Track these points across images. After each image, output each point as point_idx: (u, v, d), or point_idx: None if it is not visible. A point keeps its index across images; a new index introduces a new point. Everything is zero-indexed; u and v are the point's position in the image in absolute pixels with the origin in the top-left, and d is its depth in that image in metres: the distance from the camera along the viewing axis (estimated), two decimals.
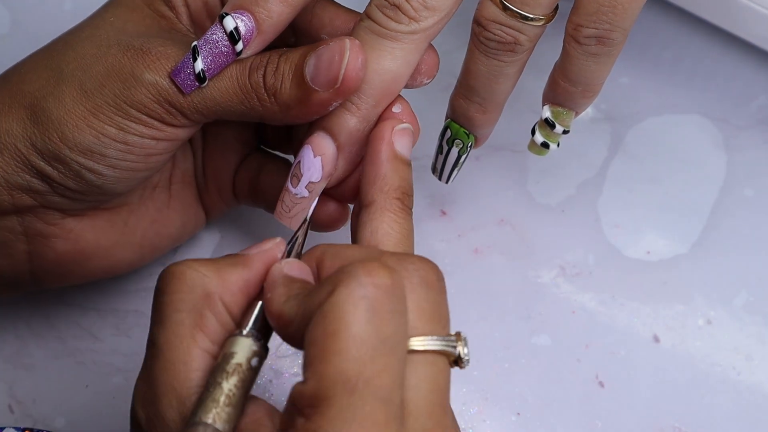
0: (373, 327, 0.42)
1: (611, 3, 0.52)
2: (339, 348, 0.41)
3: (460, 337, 0.45)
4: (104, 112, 0.52)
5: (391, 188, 0.51)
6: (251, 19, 0.52)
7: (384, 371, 0.42)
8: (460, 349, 0.45)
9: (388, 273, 0.43)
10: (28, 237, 0.55)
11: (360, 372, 0.41)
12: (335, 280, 0.43)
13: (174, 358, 0.46)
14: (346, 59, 0.51)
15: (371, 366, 0.41)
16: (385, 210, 0.51)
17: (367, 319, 0.42)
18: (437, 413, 0.43)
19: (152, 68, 0.52)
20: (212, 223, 0.65)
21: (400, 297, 0.43)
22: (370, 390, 0.41)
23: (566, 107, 0.56)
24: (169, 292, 0.47)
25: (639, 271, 0.65)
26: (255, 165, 0.61)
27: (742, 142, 0.67)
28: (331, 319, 0.42)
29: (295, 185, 0.54)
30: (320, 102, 0.52)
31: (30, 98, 0.53)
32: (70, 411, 0.61)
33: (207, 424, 0.44)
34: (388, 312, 0.42)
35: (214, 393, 0.44)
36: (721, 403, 0.62)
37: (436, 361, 0.44)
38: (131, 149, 0.53)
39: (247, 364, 0.45)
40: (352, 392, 0.41)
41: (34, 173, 0.53)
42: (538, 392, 0.62)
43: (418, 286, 0.45)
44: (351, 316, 0.42)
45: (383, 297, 0.42)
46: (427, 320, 0.44)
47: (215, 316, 0.47)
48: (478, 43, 0.54)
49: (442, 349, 0.44)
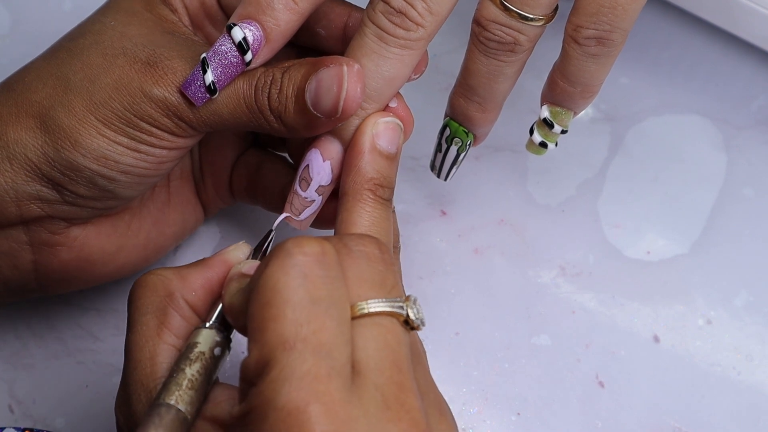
0: (305, 291, 0.43)
1: (611, 4, 0.52)
2: (274, 314, 0.43)
3: (408, 299, 0.46)
4: (114, 123, 0.52)
5: (363, 179, 0.52)
6: (259, 28, 0.52)
7: (321, 330, 0.43)
8: (408, 309, 0.45)
9: (317, 242, 0.44)
10: (33, 246, 0.55)
11: (296, 332, 0.42)
12: (268, 257, 0.44)
13: (141, 356, 0.48)
14: (345, 89, 0.51)
15: (307, 326, 0.43)
16: (355, 200, 0.52)
17: (298, 284, 0.43)
18: (389, 369, 0.44)
19: (161, 83, 0.52)
20: (212, 222, 0.65)
21: (331, 263, 0.44)
22: (309, 348, 0.42)
23: (565, 107, 0.56)
24: (135, 299, 0.50)
25: (639, 271, 0.65)
26: (252, 162, 0.61)
27: (742, 142, 0.67)
28: (265, 290, 0.43)
29: (304, 189, 0.54)
30: (323, 125, 0.52)
31: (38, 107, 0.53)
32: (70, 411, 0.61)
33: (170, 405, 0.45)
34: (319, 277, 0.44)
35: (177, 378, 0.46)
36: (721, 403, 0.62)
37: (383, 322, 0.45)
38: (144, 157, 0.53)
39: (210, 353, 0.47)
40: (291, 351, 0.42)
41: (44, 182, 0.53)
42: (538, 392, 0.62)
43: (359, 258, 0.46)
44: (282, 283, 0.43)
45: (312, 263, 0.44)
46: (369, 287, 0.45)
47: (178, 312, 0.49)
48: (477, 43, 0.54)
49: (387, 309, 0.45)
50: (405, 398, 0.43)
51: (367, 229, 0.51)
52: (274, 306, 0.43)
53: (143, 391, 0.47)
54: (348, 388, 0.42)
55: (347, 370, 0.43)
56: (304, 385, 0.42)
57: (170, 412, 0.45)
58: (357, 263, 0.46)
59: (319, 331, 0.43)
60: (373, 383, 0.43)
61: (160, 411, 0.45)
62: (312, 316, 0.43)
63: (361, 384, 0.43)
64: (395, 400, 0.43)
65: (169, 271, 0.50)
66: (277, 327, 0.43)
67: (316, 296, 0.43)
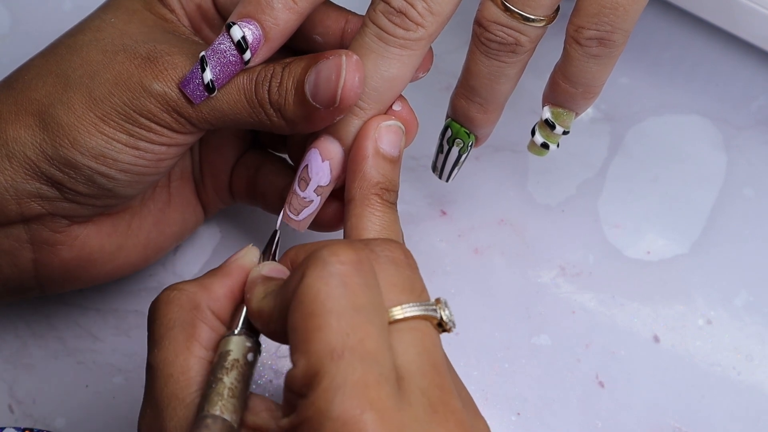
0: (347, 299, 0.43)
1: (613, 4, 0.52)
2: (319, 324, 0.43)
3: (439, 302, 0.46)
4: (114, 119, 0.52)
5: (370, 184, 0.52)
6: (258, 27, 0.52)
7: (366, 337, 0.43)
8: (441, 312, 0.46)
9: (352, 249, 0.44)
10: (34, 245, 0.55)
11: (343, 341, 0.42)
12: (303, 266, 0.44)
13: (173, 371, 0.47)
14: (343, 77, 0.51)
15: (353, 334, 0.42)
16: (364, 205, 0.52)
17: (340, 293, 0.43)
18: (430, 373, 0.44)
19: (160, 78, 0.52)
20: (212, 222, 0.65)
21: (367, 270, 0.44)
22: (356, 356, 0.42)
23: (566, 108, 0.56)
24: (160, 316, 0.49)
25: (639, 271, 0.65)
26: (252, 163, 0.61)
27: (742, 142, 0.67)
28: (307, 300, 0.43)
29: (303, 189, 0.54)
30: (323, 118, 0.52)
31: (37, 105, 0.53)
32: (70, 411, 0.61)
33: (215, 416, 0.45)
34: (358, 284, 0.44)
35: (217, 387, 0.46)
36: (721, 403, 0.62)
37: (419, 326, 0.45)
38: (143, 154, 0.53)
39: (244, 359, 0.47)
40: (339, 360, 0.42)
41: (43, 180, 0.53)
42: (538, 392, 0.62)
43: (386, 264, 0.46)
44: (324, 294, 0.43)
45: (351, 270, 0.44)
46: (400, 292, 0.45)
47: (206, 324, 0.49)
48: (479, 44, 0.54)
49: (422, 313, 0.45)
50: (448, 400, 0.44)
51: (378, 234, 0.51)
52: (318, 316, 0.43)
53: (179, 405, 0.47)
54: (396, 395, 0.43)
55: (393, 376, 0.43)
56: (357, 393, 0.42)
57: (217, 422, 0.45)
58: (386, 269, 0.46)
59: (365, 339, 0.43)
60: (418, 388, 0.43)
61: (206, 422, 0.45)
62: (356, 324, 0.43)
63: (407, 389, 0.43)
64: (440, 402, 0.44)
65: (191, 284, 0.50)
66: (323, 337, 0.42)
67: (358, 304, 0.43)
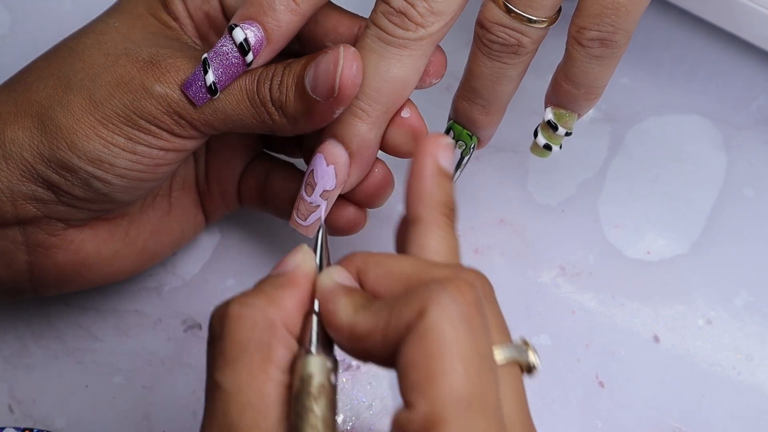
0: (472, 344, 0.41)
1: (614, 5, 0.52)
2: (446, 368, 0.40)
3: (528, 345, 0.44)
4: (113, 122, 0.52)
5: (438, 204, 0.48)
6: (260, 29, 0.52)
7: (489, 386, 0.41)
8: (532, 356, 0.44)
9: (474, 289, 0.42)
10: (29, 247, 0.55)
11: (471, 390, 0.40)
12: (423, 298, 0.42)
13: (250, 397, 0.43)
14: (341, 67, 0.51)
15: (479, 383, 0.41)
16: (432, 226, 0.48)
17: (467, 336, 0.41)
18: (528, 423, 0.43)
19: (162, 80, 0.52)
20: (212, 223, 0.65)
21: (483, 310, 0.42)
22: (482, 406, 0.40)
23: (569, 109, 0.56)
24: (229, 334, 0.44)
25: (639, 271, 0.65)
26: (261, 170, 0.60)
27: (742, 142, 0.68)
28: (432, 339, 0.41)
29: (309, 194, 0.54)
30: (323, 111, 0.52)
31: (37, 107, 0.53)
32: (70, 411, 0.61)
33: None
34: (480, 327, 0.42)
35: (308, 418, 0.42)
36: (721, 403, 0.62)
37: (513, 371, 0.44)
38: (140, 159, 0.53)
39: (328, 383, 0.43)
40: (467, 410, 0.40)
41: (40, 182, 0.53)
42: (538, 392, 0.62)
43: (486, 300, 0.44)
44: (451, 335, 0.41)
45: (475, 313, 0.42)
46: (496, 331, 0.44)
47: (281, 343, 0.45)
48: (481, 45, 0.54)
49: (518, 359, 0.44)
50: None
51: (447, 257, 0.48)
52: (445, 360, 0.40)
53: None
54: None
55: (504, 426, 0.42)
56: None
57: None
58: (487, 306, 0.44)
59: (488, 390, 0.41)
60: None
61: None
62: (482, 371, 0.41)
63: None
64: None
65: (259, 298, 0.45)
66: (452, 383, 0.40)
67: (481, 351, 0.41)
